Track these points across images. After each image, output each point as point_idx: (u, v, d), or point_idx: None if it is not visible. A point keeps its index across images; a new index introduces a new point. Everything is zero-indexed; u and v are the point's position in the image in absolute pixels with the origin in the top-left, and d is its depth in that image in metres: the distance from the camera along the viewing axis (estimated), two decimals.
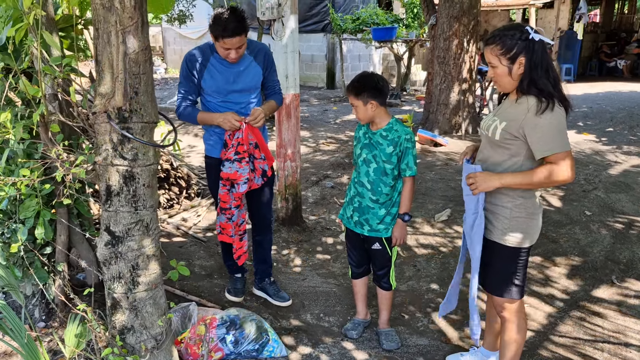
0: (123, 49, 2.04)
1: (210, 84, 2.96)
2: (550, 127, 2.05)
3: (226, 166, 2.95)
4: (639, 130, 8.38)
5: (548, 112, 2.05)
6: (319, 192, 5.54)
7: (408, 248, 4.21)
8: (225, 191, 3.01)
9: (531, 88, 2.10)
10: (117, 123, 2.09)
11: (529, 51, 2.10)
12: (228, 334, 2.81)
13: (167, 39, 17.76)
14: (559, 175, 2.07)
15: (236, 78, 2.99)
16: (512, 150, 2.18)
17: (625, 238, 4.30)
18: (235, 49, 2.84)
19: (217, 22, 2.76)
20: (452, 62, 7.71)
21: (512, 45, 2.11)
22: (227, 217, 3.06)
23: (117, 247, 2.19)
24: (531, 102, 2.10)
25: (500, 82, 2.22)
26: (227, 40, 2.77)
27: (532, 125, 2.08)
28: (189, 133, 8.40)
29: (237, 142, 2.91)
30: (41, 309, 3.08)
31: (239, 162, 2.94)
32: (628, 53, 15.87)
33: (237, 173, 2.95)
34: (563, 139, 2.06)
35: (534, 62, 2.09)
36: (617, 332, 3.06)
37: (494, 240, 2.29)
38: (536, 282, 3.64)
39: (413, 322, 3.20)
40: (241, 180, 2.96)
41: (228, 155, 2.94)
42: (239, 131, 2.90)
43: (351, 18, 11.73)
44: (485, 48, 2.20)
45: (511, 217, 2.23)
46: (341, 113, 10.30)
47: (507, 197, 2.23)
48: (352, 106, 2.75)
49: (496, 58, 2.16)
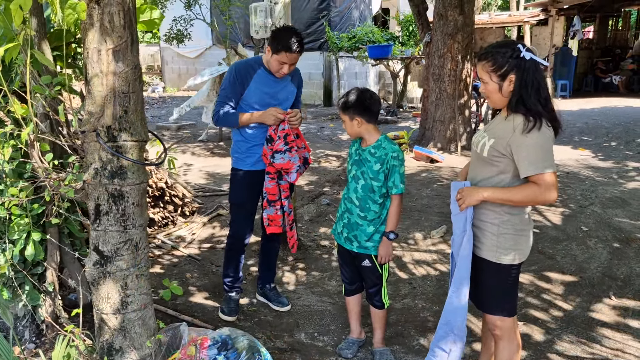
0: (112, 68, 2.04)
1: (254, 93, 3.13)
2: (535, 146, 2.04)
3: (277, 158, 3.12)
4: (634, 146, 8.39)
5: (535, 131, 2.04)
6: (314, 210, 5.52)
7: (403, 265, 4.18)
8: (274, 184, 3.19)
9: (519, 106, 2.09)
10: (106, 142, 2.08)
11: (519, 69, 2.09)
12: (219, 355, 2.76)
13: (165, 58, 17.87)
14: (540, 196, 2.06)
15: (276, 92, 3.20)
16: (499, 167, 2.17)
17: (623, 254, 4.28)
18: (289, 65, 3.05)
19: (284, 37, 2.97)
20: (447, 79, 7.75)
21: (503, 62, 2.11)
22: (276, 209, 3.23)
23: (105, 267, 2.17)
24: (518, 120, 2.09)
25: (491, 98, 2.22)
26: (290, 55, 2.98)
27: (518, 143, 2.07)
28: (185, 152, 8.40)
29: (283, 134, 3.09)
30: (31, 330, 3.04)
31: (289, 151, 3.12)
32: (623, 69, 15.99)
33: (289, 162, 3.13)
34: (547, 160, 2.04)
35: (524, 81, 2.08)
36: (616, 349, 3.02)
37: (483, 257, 2.26)
38: (533, 298, 3.61)
39: (409, 341, 3.16)
40: (294, 169, 3.15)
41: (277, 147, 3.10)
42: (283, 123, 3.09)
43: (347, 36, 11.84)
44: (478, 64, 2.21)
45: (498, 234, 2.21)
46: (338, 130, 10.32)
47: (494, 213, 2.21)
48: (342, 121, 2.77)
49: (487, 74, 2.16)
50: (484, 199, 2.17)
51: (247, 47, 10.31)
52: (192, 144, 8.97)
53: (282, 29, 3.08)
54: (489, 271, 2.27)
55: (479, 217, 2.26)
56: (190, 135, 9.77)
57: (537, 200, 2.08)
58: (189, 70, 17.12)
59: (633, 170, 6.92)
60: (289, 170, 3.15)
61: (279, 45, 2.98)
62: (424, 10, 8.39)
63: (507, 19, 15.21)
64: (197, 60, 16.64)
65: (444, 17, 7.54)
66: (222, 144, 8.91)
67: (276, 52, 3.00)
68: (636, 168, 7.01)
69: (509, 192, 2.12)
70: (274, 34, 3.05)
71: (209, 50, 16.05)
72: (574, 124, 10.26)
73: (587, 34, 18.47)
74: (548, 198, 2.05)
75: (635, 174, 6.73)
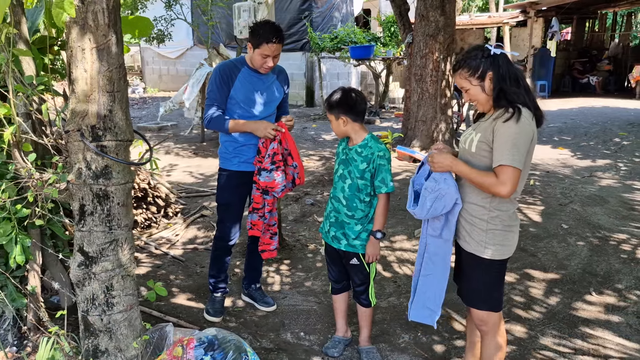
0: (97, 67, 2.02)
1: (241, 92, 3.13)
2: (507, 137, 2.08)
3: (263, 175, 3.12)
4: (612, 145, 8.55)
5: (512, 122, 2.09)
6: (298, 210, 5.52)
7: (388, 264, 4.21)
8: (259, 194, 3.21)
9: (501, 99, 2.15)
10: (90, 141, 2.06)
11: (495, 66, 2.17)
12: (206, 355, 2.75)
13: (145, 58, 17.69)
14: (492, 187, 2.10)
15: (263, 90, 3.20)
16: (487, 162, 2.20)
17: (602, 250, 4.36)
18: (272, 57, 3.04)
19: (263, 30, 2.99)
20: (428, 79, 7.80)
21: (478, 64, 2.19)
22: (259, 216, 3.26)
23: (90, 268, 2.15)
24: (500, 111, 2.16)
25: (478, 101, 2.26)
26: (271, 45, 2.98)
27: (496, 131, 2.12)
28: (168, 153, 8.34)
29: (272, 152, 3.08)
30: (14, 333, 2.99)
31: (275, 170, 3.11)
32: (600, 70, 16.29)
33: (274, 182, 3.12)
34: (515, 154, 2.07)
35: (501, 75, 2.16)
36: (597, 344, 3.07)
37: (471, 252, 2.29)
38: (515, 295, 3.66)
39: (394, 339, 3.18)
40: (279, 188, 3.14)
41: (265, 166, 3.10)
42: (274, 141, 3.08)
43: (329, 37, 11.85)
44: (455, 75, 2.27)
45: (487, 230, 2.24)
46: (321, 131, 10.33)
47: (484, 209, 2.24)
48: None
49: (466, 81, 2.23)
50: (450, 165, 2.22)
51: (228, 48, 10.27)
52: (174, 145, 8.90)
53: (259, 23, 3.09)
54: (477, 266, 2.30)
55: (470, 213, 2.28)
56: (173, 135, 9.69)
57: (489, 190, 2.12)
58: (169, 70, 16.98)
59: (611, 168, 7.05)
60: (274, 189, 3.15)
61: (260, 39, 2.99)
62: (406, 11, 8.44)
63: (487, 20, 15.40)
64: (178, 60, 16.51)
65: (425, 18, 7.59)
66: (204, 144, 8.86)
67: (258, 46, 3.01)
68: (613, 166, 7.15)
69: (474, 173, 2.17)
70: (253, 29, 3.06)
71: (190, 50, 15.94)
72: (553, 124, 10.41)
73: (565, 36, 18.77)
74: (498, 191, 2.09)
75: (613, 172, 6.86)
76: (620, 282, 3.82)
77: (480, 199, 2.24)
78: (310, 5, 13.05)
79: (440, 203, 2.24)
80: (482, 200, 2.23)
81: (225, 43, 12.28)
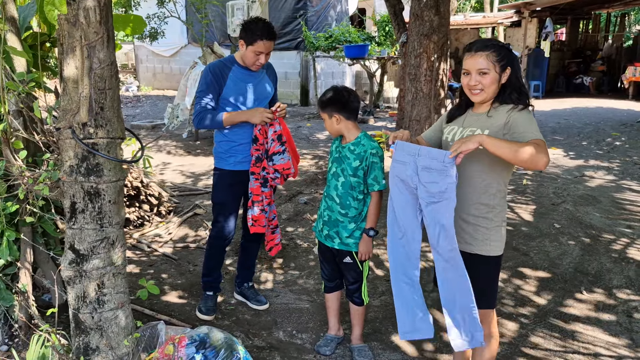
0: (88, 64, 2.01)
1: (232, 90, 3.12)
2: (530, 120, 2.15)
3: (277, 159, 3.13)
4: (605, 145, 8.59)
5: (525, 110, 2.19)
6: (292, 208, 5.52)
7: (380, 262, 4.21)
8: (258, 185, 3.18)
9: (512, 96, 2.21)
10: (82, 139, 2.05)
11: (513, 63, 2.22)
12: (198, 354, 2.75)
13: (139, 56, 17.63)
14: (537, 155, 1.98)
15: (254, 87, 3.20)
16: (484, 159, 2.19)
17: (593, 250, 4.38)
18: (265, 54, 3.05)
19: (256, 26, 2.98)
20: (423, 79, 7.79)
21: (504, 55, 2.20)
22: (260, 209, 3.20)
23: (81, 266, 2.14)
24: (509, 106, 2.21)
25: (486, 89, 2.20)
26: (265, 42, 2.99)
27: (515, 120, 2.14)
28: (161, 151, 8.32)
29: (276, 135, 3.09)
30: (4, 332, 2.98)
31: (287, 151, 3.14)
32: (593, 70, 16.35)
33: (289, 162, 3.15)
34: (539, 132, 2.12)
35: (516, 74, 2.23)
36: (587, 342, 3.09)
37: (475, 253, 2.28)
38: (507, 294, 3.67)
39: (386, 337, 3.19)
40: (292, 170, 3.19)
41: (275, 149, 3.11)
42: (272, 126, 3.09)
43: (324, 36, 11.84)
44: (479, 53, 2.18)
45: (490, 227, 2.26)
46: (315, 130, 10.33)
47: (487, 207, 2.24)
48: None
49: (492, 64, 2.18)
50: (480, 142, 2.01)
51: (223, 46, 10.24)
52: (167, 143, 8.88)
53: (251, 20, 3.07)
54: (482, 265, 2.29)
55: (472, 213, 2.26)
56: (166, 134, 9.66)
57: (535, 158, 1.98)
58: (164, 69, 16.92)
59: (603, 168, 7.09)
60: (289, 170, 3.17)
61: (253, 36, 2.98)
62: (400, 10, 8.44)
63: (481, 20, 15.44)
64: (172, 58, 16.46)
65: (419, 17, 7.58)
66: (198, 143, 8.84)
67: (251, 43, 3.01)
68: (606, 167, 7.19)
69: (511, 142, 2.03)
70: (245, 26, 3.05)
71: (184, 48, 15.89)
72: (546, 124, 10.45)
73: (559, 36, 18.84)
74: (539, 158, 1.98)
75: (605, 172, 6.90)
76: (610, 281, 3.84)
77: (485, 197, 2.24)
78: (305, 4, 13.03)
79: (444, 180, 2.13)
80: (487, 198, 2.24)
81: (220, 41, 12.25)
